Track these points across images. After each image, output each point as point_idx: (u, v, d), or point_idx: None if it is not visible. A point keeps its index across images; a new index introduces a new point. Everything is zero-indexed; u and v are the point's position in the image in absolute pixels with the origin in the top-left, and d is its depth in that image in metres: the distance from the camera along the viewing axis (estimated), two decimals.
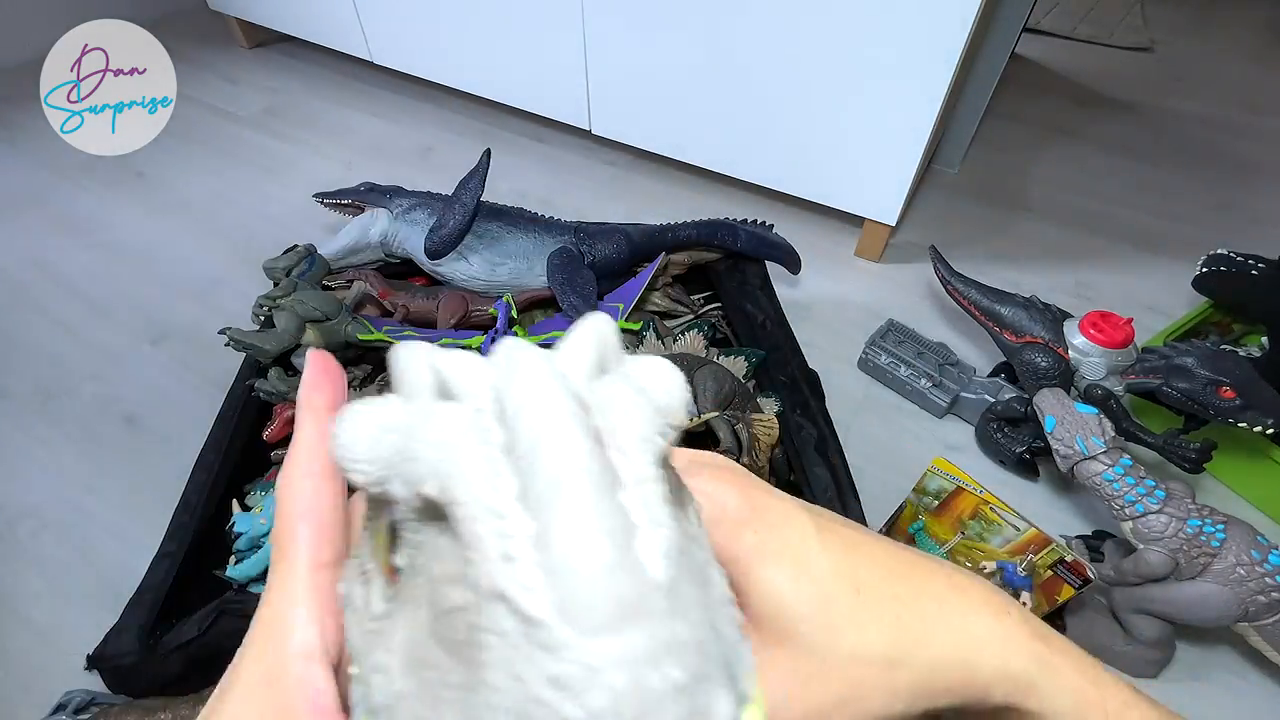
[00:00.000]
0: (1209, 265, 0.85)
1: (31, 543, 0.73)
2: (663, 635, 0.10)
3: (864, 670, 0.19)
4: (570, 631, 0.09)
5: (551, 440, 0.11)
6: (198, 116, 1.41)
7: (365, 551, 0.15)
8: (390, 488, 0.12)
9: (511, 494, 0.10)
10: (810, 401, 0.69)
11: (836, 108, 0.94)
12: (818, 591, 0.19)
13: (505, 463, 0.11)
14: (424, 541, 0.12)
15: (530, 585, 0.09)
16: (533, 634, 0.09)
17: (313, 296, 0.69)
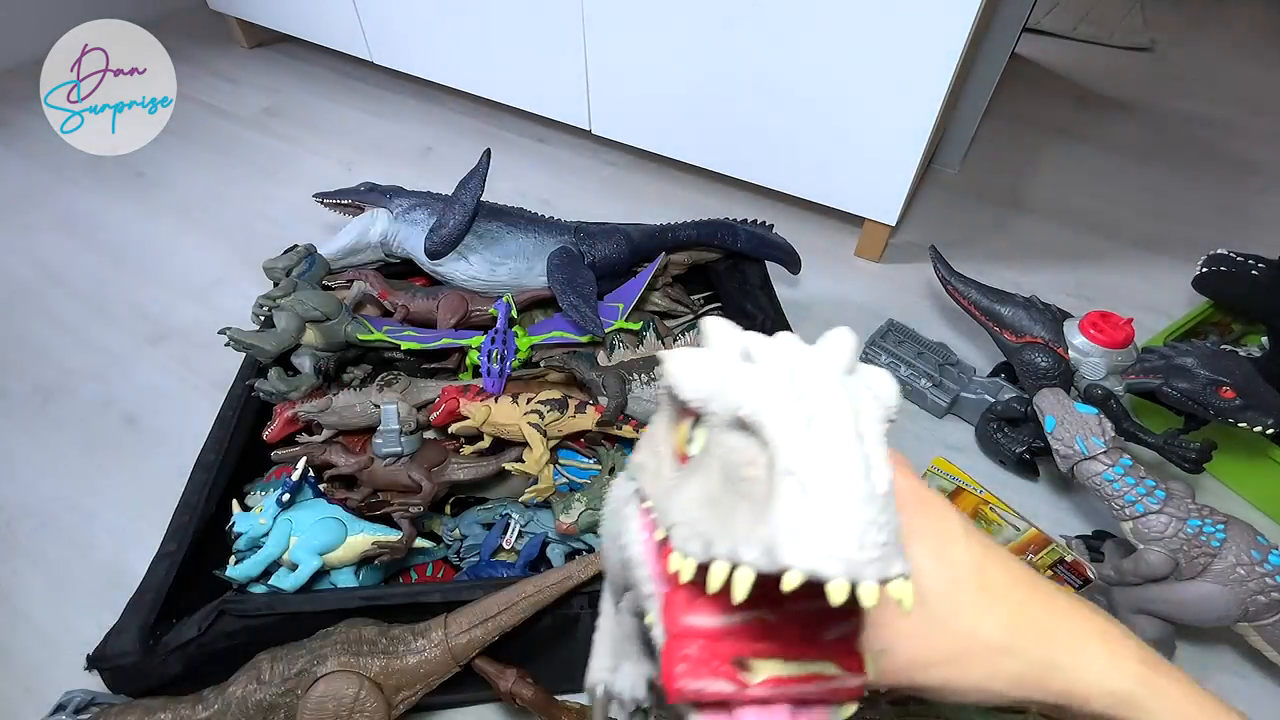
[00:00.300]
0: (1209, 265, 0.85)
1: (31, 543, 0.73)
2: (878, 517, 0.16)
3: (975, 646, 0.24)
4: (831, 498, 0.16)
5: (830, 400, 0.17)
6: (198, 116, 1.41)
7: (660, 442, 0.23)
8: (710, 407, 0.19)
9: (802, 423, 0.17)
10: None
11: (836, 108, 0.94)
12: (950, 576, 0.24)
13: (797, 406, 0.17)
14: (724, 439, 0.19)
15: (809, 471, 0.16)
16: (807, 495, 0.16)
17: (313, 296, 0.69)
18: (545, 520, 0.64)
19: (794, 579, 0.16)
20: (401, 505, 0.62)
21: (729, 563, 0.17)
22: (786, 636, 0.20)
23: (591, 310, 0.71)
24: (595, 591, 0.54)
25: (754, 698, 0.19)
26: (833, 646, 0.20)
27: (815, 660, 0.20)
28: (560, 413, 0.63)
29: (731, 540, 0.17)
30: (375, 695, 0.48)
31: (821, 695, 0.20)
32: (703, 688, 0.19)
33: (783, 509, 0.16)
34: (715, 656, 0.19)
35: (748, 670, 0.19)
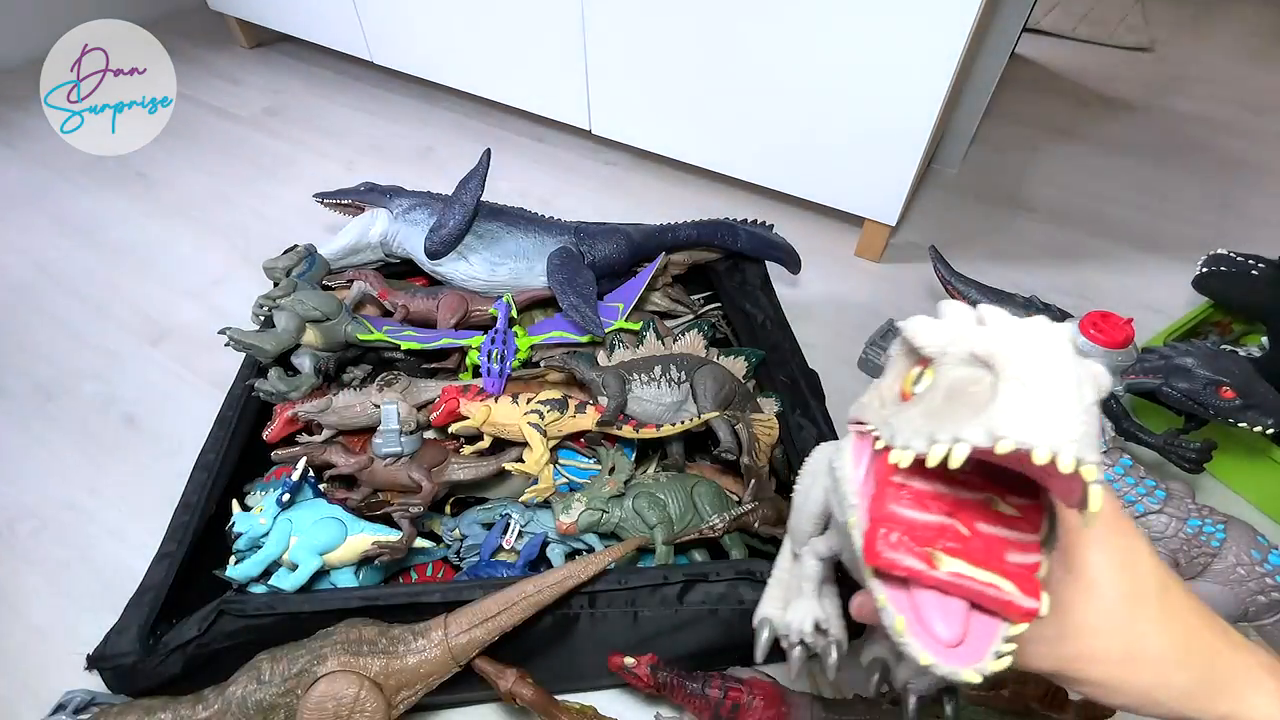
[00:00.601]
0: (1209, 265, 0.85)
1: (31, 543, 0.73)
2: (1082, 415, 0.20)
3: (1149, 654, 0.25)
4: (1045, 393, 0.20)
5: (1052, 334, 0.21)
6: (198, 116, 1.41)
7: (886, 387, 0.27)
8: (947, 349, 0.24)
9: (1026, 350, 0.21)
10: (810, 401, 0.69)
11: (836, 107, 0.94)
12: (1134, 586, 0.26)
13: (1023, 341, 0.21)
14: (952, 372, 0.23)
15: (1029, 375, 0.20)
16: (1026, 390, 0.20)
17: (313, 296, 0.69)
18: (545, 520, 0.64)
19: (1006, 446, 0.19)
20: (401, 505, 0.62)
21: (949, 444, 0.20)
22: (974, 548, 0.23)
23: (591, 310, 0.71)
24: (595, 591, 0.54)
25: (937, 580, 0.23)
26: (1014, 570, 0.23)
27: (996, 574, 0.23)
28: (560, 413, 0.63)
29: (955, 428, 0.21)
30: (375, 695, 0.48)
31: (996, 605, 0.23)
32: (896, 559, 0.23)
33: (1004, 400, 0.20)
34: (912, 540, 0.23)
35: (936, 563, 0.23)
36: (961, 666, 0.22)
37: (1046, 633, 0.26)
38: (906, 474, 0.24)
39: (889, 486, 0.25)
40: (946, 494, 0.24)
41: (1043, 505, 0.24)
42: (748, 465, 0.63)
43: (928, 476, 0.25)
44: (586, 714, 0.54)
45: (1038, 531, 0.24)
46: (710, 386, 0.66)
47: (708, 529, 0.59)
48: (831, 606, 0.35)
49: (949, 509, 0.24)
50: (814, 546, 0.34)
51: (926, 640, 0.23)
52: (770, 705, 0.50)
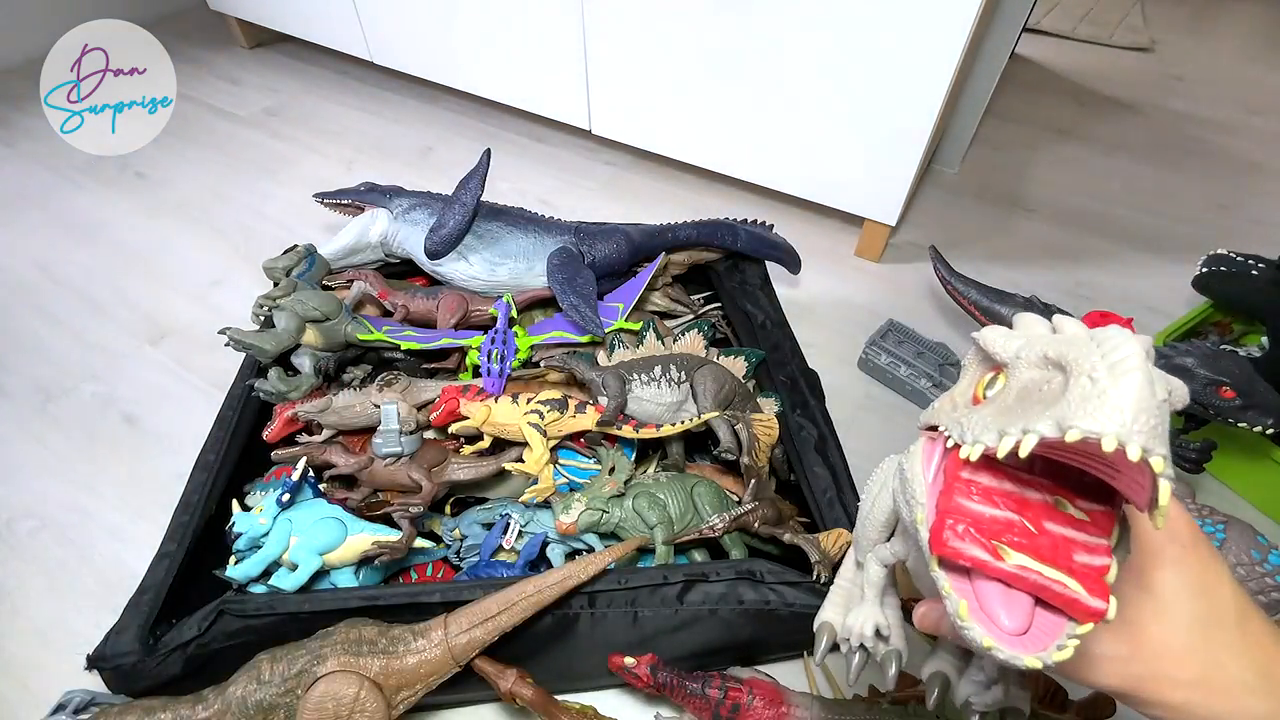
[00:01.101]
0: (1209, 265, 0.85)
1: (31, 543, 0.72)
2: (1153, 410, 0.20)
3: (1225, 680, 0.25)
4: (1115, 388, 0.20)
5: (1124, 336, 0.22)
6: (198, 116, 1.41)
7: (959, 392, 0.28)
8: (1020, 355, 0.24)
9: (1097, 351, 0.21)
10: (810, 401, 0.69)
11: (836, 107, 0.94)
12: (1212, 610, 0.26)
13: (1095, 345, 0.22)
14: (1024, 374, 0.24)
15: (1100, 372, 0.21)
16: (1096, 385, 0.21)
17: (313, 296, 0.69)
18: (545, 520, 0.64)
19: (1075, 435, 0.20)
20: (401, 505, 0.62)
21: (1018, 436, 0.21)
22: (1041, 545, 0.24)
23: (591, 310, 0.71)
24: (595, 591, 0.54)
25: (1002, 572, 0.23)
26: (1082, 570, 0.23)
27: (1063, 572, 0.23)
28: (560, 413, 0.63)
29: (1025, 422, 0.21)
30: (375, 695, 0.48)
31: (1062, 603, 0.23)
32: (962, 549, 0.24)
33: (1074, 393, 0.21)
34: (979, 532, 0.24)
35: (1002, 556, 0.23)
36: (1024, 653, 0.23)
37: (1118, 650, 0.26)
38: (975, 471, 0.25)
39: (957, 481, 0.25)
40: (1015, 493, 0.25)
41: (1113, 512, 0.25)
42: (748, 465, 0.63)
43: (996, 474, 0.25)
44: (586, 714, 0.54)
45: (1108, 536, 0.24)
46: (710, 386, 0.66)
47: (708, 529, 0.59)
48: (893, 615, 0.35)
49: (1017, 507, 0.25)
50: (878, 553, 0.34)
51: (989, 625, 0.23)
52: (770, 705, 0.50)
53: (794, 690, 0.52)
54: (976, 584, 0.24)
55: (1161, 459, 0.20)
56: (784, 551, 0.61)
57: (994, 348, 0.25)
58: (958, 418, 0.26)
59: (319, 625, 0.51)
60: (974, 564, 0.24)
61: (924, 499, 0.26)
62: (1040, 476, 0.25)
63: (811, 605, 0.54)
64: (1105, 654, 0.26)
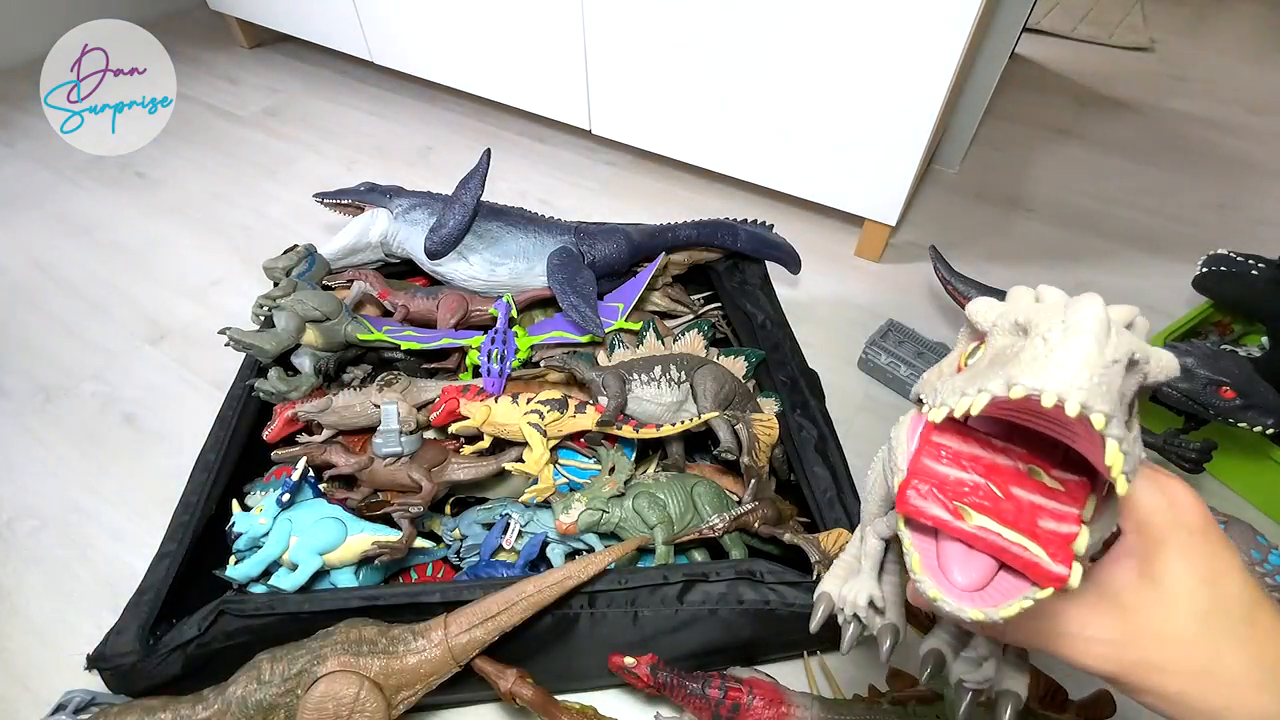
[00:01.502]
0: (1209, 265, 0.85)
1: (31, 543, 0.72)
2: (1099, 371, 0.20)
3: (1226, 674, 0.24)
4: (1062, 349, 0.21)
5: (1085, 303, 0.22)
6: (198, 116, 1.41)
7: (946, 364, 0.29)
8: (997, 323, 0.25)
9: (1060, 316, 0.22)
10: (810, 401, 0.69)
11: (836, 107, 0.94)
12: (1217, 602, 0.25)
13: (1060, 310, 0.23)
14: (999, 340, 0.25)
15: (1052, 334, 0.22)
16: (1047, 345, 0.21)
17: (313, 296, 0.69)
18: (545, 520, 0.64)
19: (1018, 392, 0.21)
20: (401, 505, 0.62)
21: (974, 397, 0.22)
22: (1005, 509, 0.24)
23: (591, 310, 0.71)
24: (595, 591, 0.54)
25: (962, 531, 0.24)
26: (1047, 537, 0.23)
27: (1026, 536, 0.23)
28: (560, 413, 0.63)
29: (981, 383, 0.22)
30: (375, 695, 0.48)
31: (1023, 566, 0.23)
32: (923, 507, 0.24)
33: (1025, 355, 0.22)
34: (943, 493, 0.25)
35: (964, 517, 0.24)
36: (969, 606, 0.23)
37: (1113, 634, 0.25)
38: (947, 435, 0.26)
39: (928, 445, 0.26)
40: (985, 458, 0.26)
41: (1088, 483, 0.25)
42: (748, 465, 0.63)
43: (968, 440, 0.26)
44: (586, 714, 0.54)
45: (1080, 506, 0.24)
46: (710, 386, 0.66)
47: (708, 529, 0.59)
48: (891, 591, 0.35)
49: (985, 472, 0.25)
50: (876, 526, 0.35)
51: (939, 578, 0.24)
52: (770, 705, 0.50)
53: (794, 690, 0.52)
54: (942, 544, 0.25)
55: (1102, 416, 0.20)
56: (784, 551, 0.61)
57: (976, 317, 0.26)
58: (936, 385, 0.27)
59: (319, 625, 0.51)
60: (935, 523, 0.24)
61: (903, 465, 0.27)
62: (1016, 442, 0.26)
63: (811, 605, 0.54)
64: (1099, 637, 0.25)
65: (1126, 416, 0.23)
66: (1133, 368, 0.23)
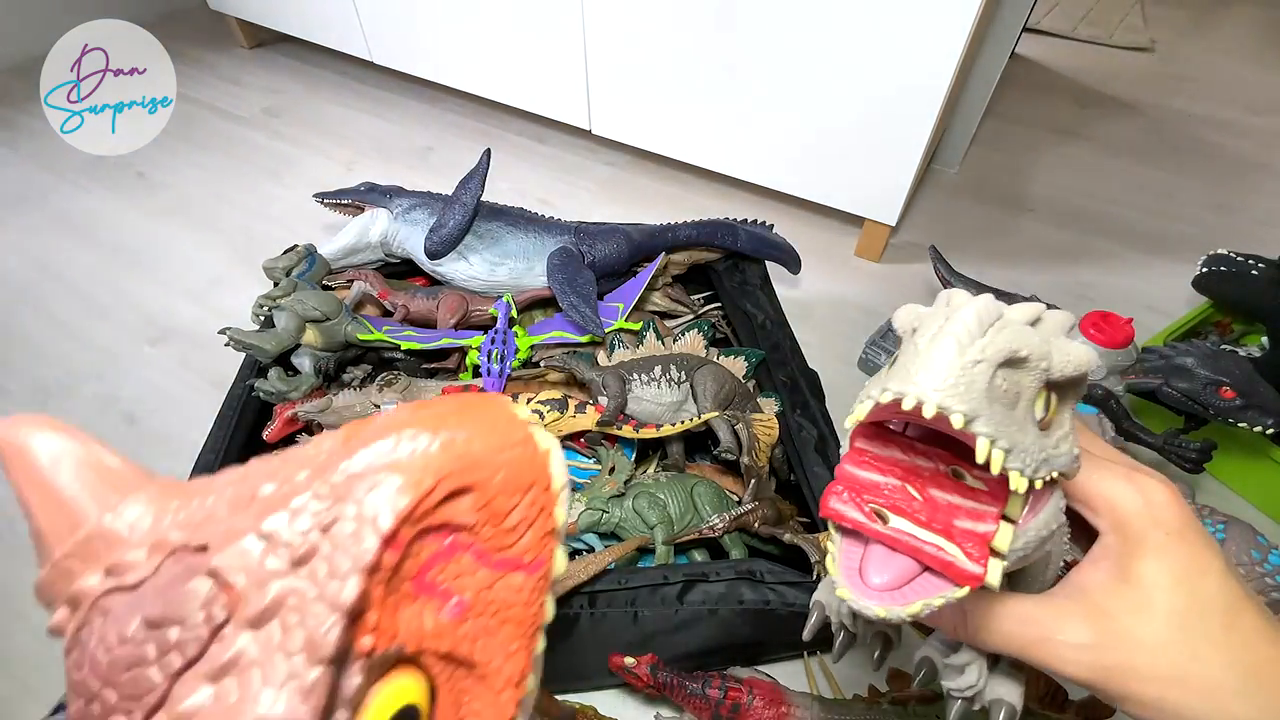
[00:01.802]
0: (1209, 265, 0.85)
1: (31, 543, 0.72)
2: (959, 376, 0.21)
3: (1205, 679, 0.24)
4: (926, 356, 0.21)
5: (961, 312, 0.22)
6: (198, 116, 1.41)
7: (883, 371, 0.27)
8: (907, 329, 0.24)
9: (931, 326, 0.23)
10: (810, 401, 0.69)
11: (836, 107, 0.94)
12: (1193, 603, 0.24)
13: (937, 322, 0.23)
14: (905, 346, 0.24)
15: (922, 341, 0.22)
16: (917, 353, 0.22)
17: (313, 296, 0.69)
18: None
19: (887, 397, 0.21)
20: None
21: (863, 403, 0.23)
22: (920, 510, 0.25)
23: (591, 310, 0.71)
24: (595, 591, 0.54)
25: (880, 534, 0.25)
26: (963, 535, 0.24)
27: (943, 538, 0.24)
28: (560, 413, 0.63)
29: (876, 389, 0.23)
30: None
31: (939, 566, 0.24)
32: (843, 512, 0.25)
33: (901, 359, 0.23)
34: (861, 498, 0.25)
35: (883, 519, 0.25)
36: (874, 604, 0.23)
37: (1087, 638, 0.25)
38: (868, 441, 0.27)
39: (853, 450, 0.27)
40: (904, 460, 0.26)
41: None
42: (748, 465, 0.63)
43: (888, 443, 0.27)
44: (586, 714, 0.54)
45: (1000, 505, 0.24)
46: (710, 386, 0.66)
47: (708, 529, 0.59)
48: None
49: (903, 475, 0.26)
50: None
51: (853, 578, 0.24)
52: (770, 705, 0.50)
53: (794, 690, 0.52)
54: (869, 548, 0.25)
55: (960, 416, 0.20)
56: (784, 551, 0.61)
57: (895, 323, 0.27)
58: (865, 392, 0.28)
59: None
60: (854, 525, 0.25)
61: None
62: (937, 445, 0.26)
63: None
64: (1075, 641, 0.25)
65: (1042, 414, 0.23)
66: (1020, 365, 0.22)
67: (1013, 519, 0.24)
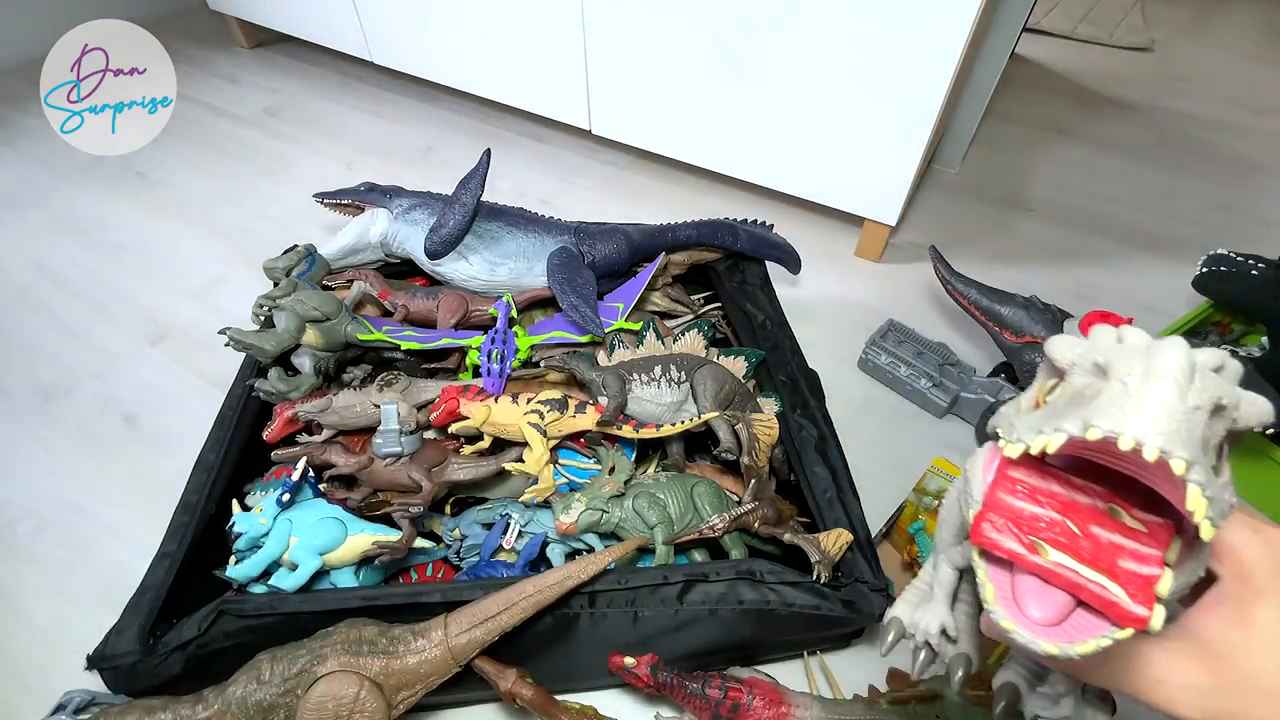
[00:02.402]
0: (1209, 265, 0.85)
1: (31, 543, 0.73)
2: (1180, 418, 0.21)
3: None
4: (1141, 394, 0.21)
5: (1167, 350, 0.22)
6: (198, 116, 1.41)
7: (1023, 399, 0.28)
8: (1077, 362, 0.25)
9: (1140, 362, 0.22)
10: (810, 401, 0.69)
11: (836, 107, 0.94)
12: None
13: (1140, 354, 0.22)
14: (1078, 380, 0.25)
15: (1132, 379, 0.22)
16: (1126, 390, 0.21)
17: (313, 296, 0.69)
18: (545, 520, 0.64)
19: (1095, 434, 0.21)
20: (401, 505, 0.62)
21: (1049, 435, 0.22)
22: (1083, 547, 0.24)
23: (591, 310, 0.71)
24: (595, 591, 0.54)
25: (1038, 566, 0.24)
26: (1128, 577, 0.23)
27: (1106, 576, 0.23)
28: (560, 413, 0.63)
29: (1058, 422, 0.22)
30: (375, 695, 0.48)
31: (1101, 605, 0.23)
32: (998, 540, 0.25)
33: (1104, 396, 0.22)
34: (1018, 527, 0.25)
35: (1040, 551, 0.24)
36: (1043, 640, 0.23)
37: (1202, 682, 0.25)
38: (1024, 470, 0.26)
39: (1004, 479, 0.26)
40: (1063, 495, 0.25)
41: (1172, 525, 0.25)
42: (748, 465, 0.63)
43: (1046, 476, 0.26)
44: (586, 714, 0.54)
45: (1163, 549, 0.24)
46: (710, 386, 0.66)
47: (708, 529, 0.59)
48: (964, 620, 0.35)
49: (1063, 509, 0.25)
50: (950, 555, 0.35)
51: (1013, 610, 0.24)
52: (770, 705, 0.50)
53: (794, 690, 0.52)
54: (1017, 578, 0.25)
55: (1182, 461, 0.20)
56: (784, 551, 0.61)
57: (1055, 355, 0.26)
58: (1013, 420, 0.27)
59: (319, 625, 0.51)
60: (1009, 556, 0.24)
61: (977, 497, 0.27)
62: (1096, 481, 0.26)
63: (811, 605, 0.54)
64: (1190, 685, 0.25)
65: (1214, 461, 0.23)
66: (1219, 413, 0.22)
67: (1169, 563, 0.24)
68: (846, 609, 0.54)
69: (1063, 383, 0.26)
